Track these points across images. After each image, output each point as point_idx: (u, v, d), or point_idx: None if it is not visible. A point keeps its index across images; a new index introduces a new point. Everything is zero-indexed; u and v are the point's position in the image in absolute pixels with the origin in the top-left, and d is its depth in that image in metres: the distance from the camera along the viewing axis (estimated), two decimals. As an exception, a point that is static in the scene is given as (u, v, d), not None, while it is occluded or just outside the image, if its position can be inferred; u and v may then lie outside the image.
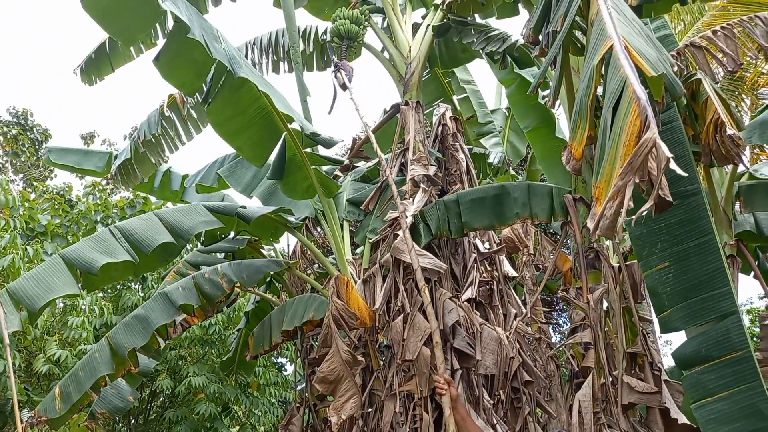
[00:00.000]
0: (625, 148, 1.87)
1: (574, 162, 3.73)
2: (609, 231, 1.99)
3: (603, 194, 2.10)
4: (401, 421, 4.54)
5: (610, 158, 2.00)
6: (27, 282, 3.99)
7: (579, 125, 2.51)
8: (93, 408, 5.20)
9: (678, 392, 3.96)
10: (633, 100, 1.89)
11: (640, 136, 1.82)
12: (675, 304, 3.34)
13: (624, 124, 1.92)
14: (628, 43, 2.20)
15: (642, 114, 1.83)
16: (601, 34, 2.36)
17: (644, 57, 2.18)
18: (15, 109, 15.32)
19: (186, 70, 3.96)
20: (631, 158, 1.79)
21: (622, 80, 2.01)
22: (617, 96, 2.03)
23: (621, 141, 1.92)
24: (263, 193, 5.69)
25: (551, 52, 3.18)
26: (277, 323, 5.44)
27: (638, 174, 1.79)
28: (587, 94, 2.42)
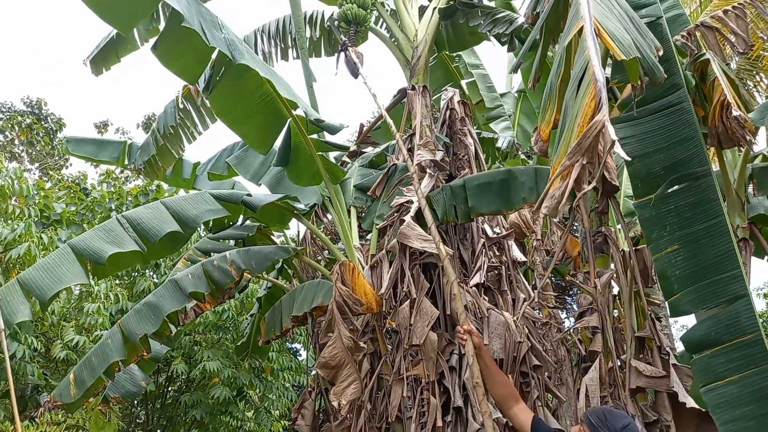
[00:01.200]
0: (579, 129, 1.84)
1: (542, 143, 3.67)
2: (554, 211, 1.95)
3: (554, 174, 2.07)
4: (409, 405, 4.58)
5: (565, 139, 1.98)
6: (37, 272, 4.06)
7: (548, 107, 2.48)
8: (106, 392, 5.31)
9: (687, 376, 3.94)
10: (591, 82, 1.85)
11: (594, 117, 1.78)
12: (684, 287, 3.29)
13: (581, 106, 1.88)
14: (600, 24, 2.15)
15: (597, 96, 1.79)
16: (575, 15, 2.31)
17: (617, 40, 2.13)
18: (29, 98, 15.49)
19: (186, 58, 3.95)
20: (581, 139, 1.76)
21: (586, 62, 1.97)
22: (580, 77, 2.00)
23: (576, 122, 1.89)
24: (271, 180, 5.70)
25: (533, 31, 3.13)
26: (288, 309, 5.49)
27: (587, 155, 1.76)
28: (557, 75, 2.37)
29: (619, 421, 2.27)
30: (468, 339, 2.96)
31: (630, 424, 2.27)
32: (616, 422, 2.26)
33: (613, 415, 2.31)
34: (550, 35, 3.11)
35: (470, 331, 3.00)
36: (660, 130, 3.37)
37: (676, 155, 3.35)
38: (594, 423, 2.30)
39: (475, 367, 2.95)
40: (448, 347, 4.63)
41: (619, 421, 2.27)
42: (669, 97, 3.40)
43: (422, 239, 4.46)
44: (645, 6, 3.79)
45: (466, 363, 4.60)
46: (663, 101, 3.39)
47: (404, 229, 4.47)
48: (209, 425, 8.52)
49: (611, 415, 2.31)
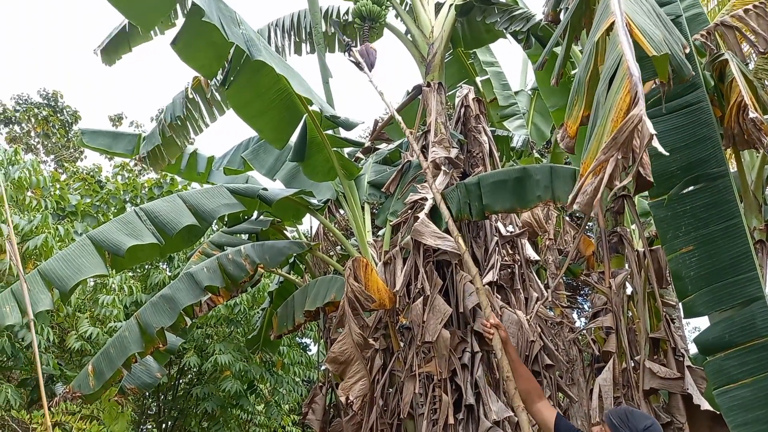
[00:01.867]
0: (613, 125, 1.83)
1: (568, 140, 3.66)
2: (587, 207, 1.95)
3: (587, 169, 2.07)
4: (421, 402, 4.59)
5: (597, 134, 1.97)
6: (57, 263, 4.12)
7: (576, 103, 2.46)
8: (123, 384, 5.38)
9: (701, 378, 3.91)
10: (626, 77, 1.85)
11: (629, 112, 1.78)
12: (699, 288, 3.28)
13: (614, 101, 1.87)
14: (630, 20, 2.14)
15: (632, 90, 1.78)
16: (605, 10, 2.30)
17: (647, 35, 2.12)
18: (45, 91, 15.65)
19: (204, 53, 3.99)
20: (616, 133, 1.75)
21: (619, 56, 1.96)
22: (612, 72, 1.99)
23: (610, 117, 1.88)
24: (286, 175, 5.73)
25: (559, 28, 3.12)
26: (300, 304, 5.52)
27: (622, 150, 1.75)
28: (586, 71, 2.36)
29: (641, 422, 2.25)
30: (495, 333, 2.99)
31: (653, 425, 2.24)
32: (638, 423, 2.24)
33: (635, 415, 2.29)
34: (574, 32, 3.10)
35: (497, 325, 3.03)
36: (677, 130, 3.34)
37: (693, 155, 3.32)
38: (615, 423, 2.28)
39: (504, 361, 2.97)
40: (460, 345, 4.64)
41: (641, 421, 2.25)
42: (687, 97, 3.38)
43: (436, 236, 4.46)
44: (665, 4, 3.76)
45: (479, 361, 4.61)
46: (681, 100, 3.37)
47: (418, 226, 4.48)
48: (220, 418, 8.59)
49: (633, 415, 2.29)
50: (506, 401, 4.65)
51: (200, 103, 6.09)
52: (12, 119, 15.03)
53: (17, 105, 15.43)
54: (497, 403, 4.48)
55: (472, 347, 4.63)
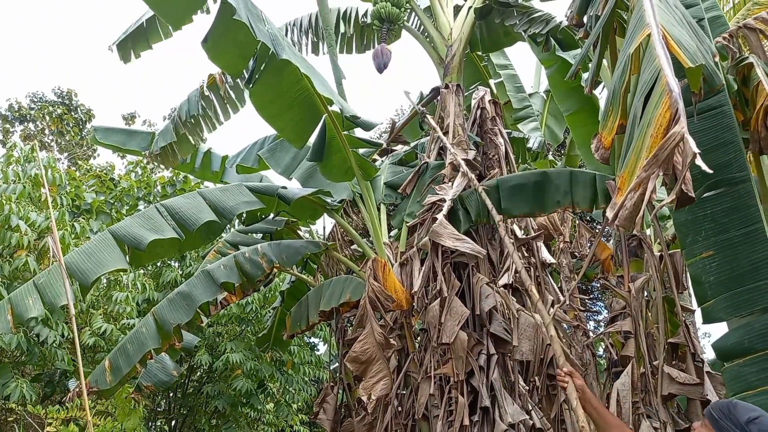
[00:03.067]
0: (652, 140, 1.84)
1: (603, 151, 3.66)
2: (628, 222, 1.95)
3: (625, 184, 2.07)
4: (436, 403, 4.59)
5: (636, 149, 1.97)
6: (79, 256, 4.15)
7: (611, 114, 2.47)
8: (139, 381, 5.41)
9: (720, 384, 3.90)
10: (665, 92, 1.85)
11: (669, 128, 1.78)
12: (718, 294, 3.26)
13: (653, 116, 1.88)
14: (666, 32, 2.14)
15: (672, 107, 1.79)
16: (640, 21, 2.30)
17: (683, 47, 2.12)
18: (60, 89, 15.78)
19: (231, 52, 4.01)
20: (657, 150, 1.76)
21: (656, 71, 1.97)
22: (650, 86, 1.99)
23: (648, 132, 1.88)
24: (302, 175, 5.75)
25: (591, 36, 3.11)
26: (315, 304, 5.53)
27: (663, 167, 1.76)
28: (621, 82, 2.37)
29: (744, 414, 2.09)
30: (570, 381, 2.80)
31: (759, 417, 2.07)
32: (741, 415, 2.09)
33: (739, 408, 2.13)
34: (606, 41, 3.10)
35: (571, 373, 2.83)
36: (699, 133, 3.33)
37: (714, 159, 3.31)
38: (716, 416, 2.15)
39: (579, 411, 2.72)
40: (476, 347, 4.63)
41: (744, 414, 2.09)
42: (709, 100, 3.36)
43: (455, 238, 4.46)
44: (689, 7, 3.75)
45: (495, 363, 4.60)
46: (703, 104, 3.35)
47: (437, 227, 4.48)
48: (230, 416, 8.61)
49: (736, 408, 2.13)
50: (521, 404, 4.65)
51: (215, 101, 6.12)
52: (27, 117, 15.16)
53: (32, 103, 15.57)
54: (512, 405, 4.47)
55: (488, 350, 4.62)
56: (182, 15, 3.79)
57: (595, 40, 3.05)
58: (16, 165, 7.13)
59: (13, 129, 15.49)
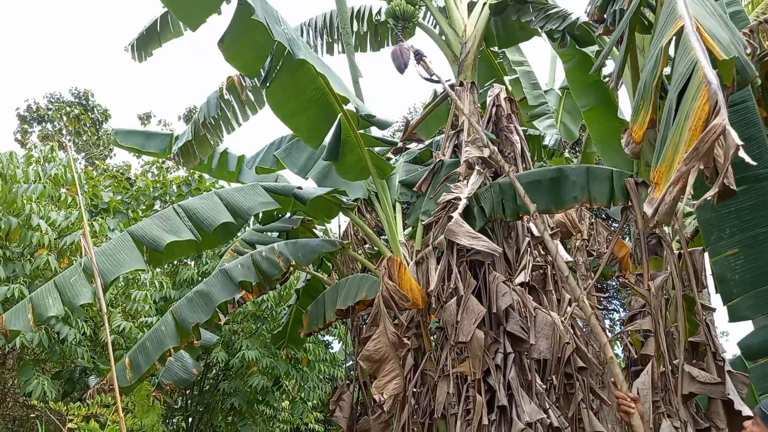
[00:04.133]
0: (691, 134, 1.81)
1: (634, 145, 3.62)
2: (667, 217, 1.93)
3: (663, 179, 2.03)
4: (453, 401, 4.58)
5: (673, 143, 1.94)
6: (98, 257, 4.19)
7: (642, 107, 2.43)
8: (160, 379, 5.47)
9: (742, 384, 3.84)
10: (703, 84, 1.82)
11: (708, 121, 1.75)
12: (744, 292, 3.23)
13: (691, 109, 1.85)
14: (699, 24, 2.11)
15: (712, 99, 1.76)
16: (672, 13, 2.27)
17: (716, 39, 2.09)
18: (77, 89, 15.97)
19: (248, 52, 4.03)
20: (698, 144, 1.73)
21: (692, 63, 1.93)
22: (685, 79, 1.96)
23: (686, 126, 1.85)
24: (318, 174, 5.77)
25: (617, 30, 3.08)
26: (331, 302, 5.55)
27: (703, 160, 1.73)
28: (653, 75, 2.33)
29: None
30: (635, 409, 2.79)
31: None
32: None
33: None
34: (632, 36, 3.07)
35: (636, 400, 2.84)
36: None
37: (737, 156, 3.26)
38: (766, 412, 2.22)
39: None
40: (493, 345, 4.62)
41: None
42: (733, 96, 3.32)
43: (470, 236, 4.45)
44: (714, 0, 3.70)
45: (512, 362, 4.58)
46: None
47: (452, 225, 4.47)
48: (246, 413, 8.67)
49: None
50: (538, 402, 4.63)
51: (233, 102, 6.16)
52: (45, 117, 15.36)
53: (50, 103, 15.78)
54: (530, 404, 4.45)
55: (505, 348, 4.60)
56: (199, 15, 3.81)
57: (620, 35, 3.02)
58: (36, 165, 7.23)
59: (32, 129, 15.72)
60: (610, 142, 5.82)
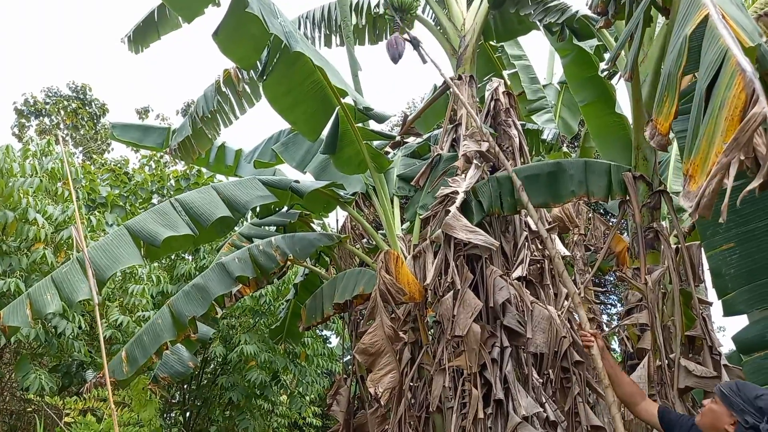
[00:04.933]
0: (728, 123, 1.77)
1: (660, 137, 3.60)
2: (707, 210, 1.91)
3: (698, 171, 2.01)
4: (450, 395, 4.59)
5: (707, 134, 1.91)
6: (95, 252, 4.19)
7: (666, 99, 2.39)
8: (156, 372, 5.47)
9: (737, 377, 3.85)
10: (736, 72, 1.78)
11: (746, 110, 1.71)
12: (739, 286, 3.22)
13: (726, 98, 1.81)
14: (724, 11, 2.08)
15: (748, 87, 1.72)
16: (694, 2, 2.24)
17: (740, 27, 2.06)
18: (74, 83, 15.91)
19: (244, 45, 4.01)
20: (737, 134, 1.69)
21: (722, 51, 1.90)
22: (716, 68, 1.92)
23: (722, 116, 1.82)
24: (316, 168, 5.75)
25: (631, 23, 3.05)
26: (329, 296, 5.55)
27: (744, 150, 1.70)
28: (677, 65, 2.29)
29: (752, 392, 2.24)
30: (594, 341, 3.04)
31: (765, 394, 2.21)
32: (749, 392, 2.24)
33: (747, 386, 2.29)
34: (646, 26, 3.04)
35: (595, 335, 3.06)
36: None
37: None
38: (726, 393, 2.28)
39: (603, 372, 2.97)
40: (490, 339, 4.62)
41: (752, 391, 2.24)
42: (730, 91, 3.31)
43: (468, 230, 4.44)
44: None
45: (508, 356, 4.59)
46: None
47: (450, 220, 4.46)
48: (244, 408, 8.68)
49: (744, 386, 2.29)
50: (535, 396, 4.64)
51: (230, 95, 6.13)
52: (42, 111, 15.31)
53: (47, 97, 15.72)
54: (526, 398, 4.46)
55: (502, 342, 4.61)
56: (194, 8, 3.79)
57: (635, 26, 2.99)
58: (32, 159, 7.21)
59: (29, 123, 15.66)
60: (608, 136, 5.82)
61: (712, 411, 2.34)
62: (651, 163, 4.38)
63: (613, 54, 3.48)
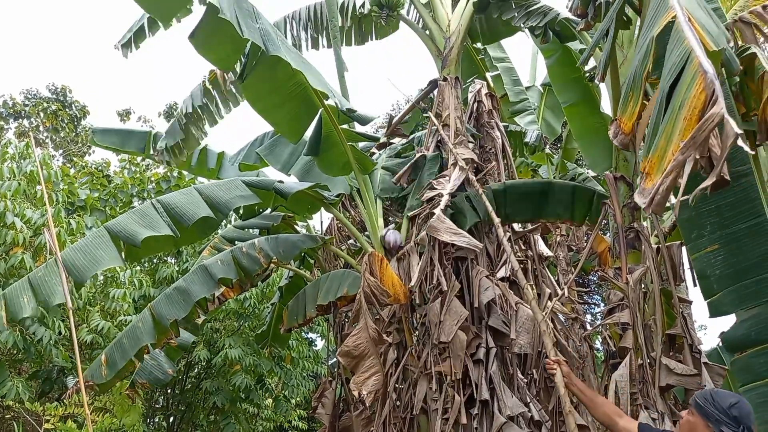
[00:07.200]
0: (686, 123, 1.81)
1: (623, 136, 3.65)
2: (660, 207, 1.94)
3: (655, 169, 2.04)
4: (435, 397, 4.58)
5: (666, 133, 1.94)
6: (74, 254, 4.11)
7: (631, 98, 2.43)
8: (134, 378, 5.38)
9: (718, 375, 3.90)
10: (698, 74, 1.82)
11: (704, 110, 1.75)
12: (725, 287, 3.26)
13: (686, 98, 1.84)
14: (691, 15, 2.12)
15: (708, 88, 1.76)
16: (662, 4, 2.27)
17: (706, 30, 2.10)
18: (54, 85, 15.66)
19: (222, 47, 3.97)
20: (695, 133, 1.72)
21: (686, 53, 1.93)
22: (679, 69, 1.96)
23: (681, 115, 1.85)
24: (300, 170, 5.72)
25: (604, 23, 3.09)
26: (312, 298, 5.51)
27: (699, 150, 1.73)
28: (643, 66, 2.33)
29: (726, 400, 2.27)
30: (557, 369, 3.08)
31: (739, 402, 2.25)
32: (723, 401, 2.26)
33: (720, 394, 2.31)
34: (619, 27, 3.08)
35: (558, 362, 3.11)
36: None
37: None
38: (701, 404, 2.31)
39: (565, 398, 3.02)
40: (474, 341, 4.63)
41: (726, 399, 2.27)
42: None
43: (452, 232, 4.44)
44: (691, -2, 3.74)
45: (494, 357, 4.60)
46: (704, 98, 3.35)
47: (434, 222, 4.46)
48: (229, 412, 8.60)
49: (718, 395, 2.31)
50: (519, 396, 4.65)
51: (216, 96, 6.09)
52: (21, 113, 15.05)
53: (26, 99, 15.46)
54: (511, 398, 4.48)
55: (487, 343, 4.62)
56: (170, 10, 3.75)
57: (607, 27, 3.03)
58: (11, 162, 7.07)
59: (8, 126, 15.39)
60: (591, 138, 5.87)
61: (688, 423, 2.37)
62: (631, 164, 4.42)
63: (586, 54, 3.52)
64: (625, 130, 2.47)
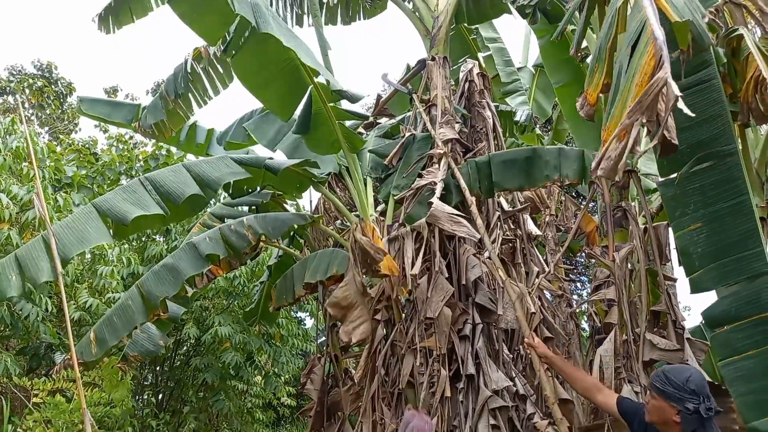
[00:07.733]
0: (637, 89, 1.82)
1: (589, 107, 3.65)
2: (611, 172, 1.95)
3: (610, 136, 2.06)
4: (421, 371, 4.65)
5: (621, 100, 1.96)
6: (61, 230, 4.07)
7: (596, 70, 2.45)
8: (125, 351, 5.39)
9: (700, 351, 3.98)
10: (650, 41, 1.83)
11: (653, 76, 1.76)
12: (706, 264, 3.30)
13: (639, 65, 1.86)
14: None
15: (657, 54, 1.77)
16: None
17: (670, 2, 2.10)
18: (39, 61, 15.37)
19: (209, 18, 3.90)
20: (641, 97, 1.74)
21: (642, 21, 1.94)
22: (635, 37, 1.97)
23: (634, 82, 1.86)
24: (288, 147, 5.69)
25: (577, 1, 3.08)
26: (300, 276, 5.53)
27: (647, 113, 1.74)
28: (607, 38, 2.34)
29: (680, 375, 2.31)
30: (532, 351, 3.23)
31: (692, 375, 2.29)
32: (678, 378, 2.30)
33: (674, 372, 2.35)
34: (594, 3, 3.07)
35: (532, 345, 3.23)
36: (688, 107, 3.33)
37: (702, 133, 3.31)
38: (658, 386, 2.34)
39: (547, 385, 3.16)
40: (461, 317, 4.69)
41: (680, 375, 2.31)
42: (698, 74, 3.35)
43: (452, 221, 4.44)
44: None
45: (480, 332, 4.66)
46: (692, 78, 3.34)
47: (435, 211, 4.45)
48: (219, 388, 8.66)
49: (672, 373, 2.35)
50: (505, 371, 4.73)
51: (202, 74, 6.00)
52: (6, 90, 14.78)
53: (11, 75, 15.17)
54: (497, 373, 4.55)
55: (473, 319, 4.68)
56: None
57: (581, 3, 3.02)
58: (-4, 138, 6.98)
59: (-8, 102, 15.13)
60: (581, 119, 5.86)
61: (655, 407, 2.40)
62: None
63: (560, 29, 3.52)
64: (590, 101, 2.49)
